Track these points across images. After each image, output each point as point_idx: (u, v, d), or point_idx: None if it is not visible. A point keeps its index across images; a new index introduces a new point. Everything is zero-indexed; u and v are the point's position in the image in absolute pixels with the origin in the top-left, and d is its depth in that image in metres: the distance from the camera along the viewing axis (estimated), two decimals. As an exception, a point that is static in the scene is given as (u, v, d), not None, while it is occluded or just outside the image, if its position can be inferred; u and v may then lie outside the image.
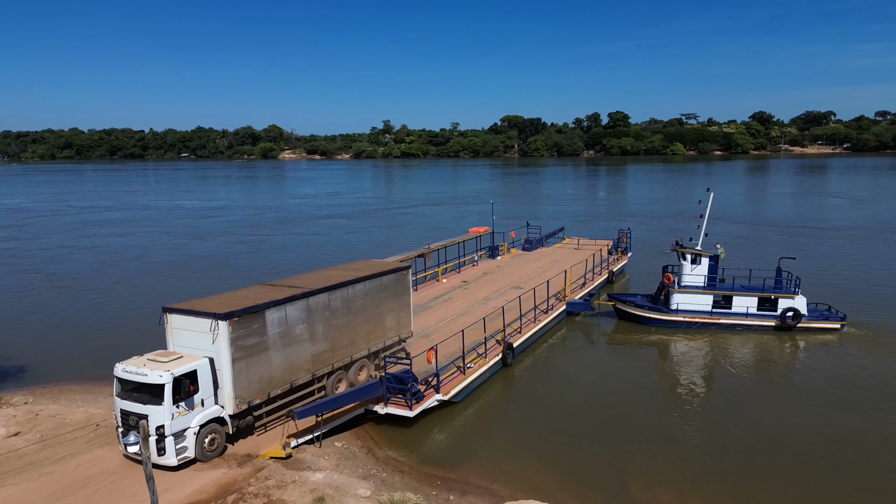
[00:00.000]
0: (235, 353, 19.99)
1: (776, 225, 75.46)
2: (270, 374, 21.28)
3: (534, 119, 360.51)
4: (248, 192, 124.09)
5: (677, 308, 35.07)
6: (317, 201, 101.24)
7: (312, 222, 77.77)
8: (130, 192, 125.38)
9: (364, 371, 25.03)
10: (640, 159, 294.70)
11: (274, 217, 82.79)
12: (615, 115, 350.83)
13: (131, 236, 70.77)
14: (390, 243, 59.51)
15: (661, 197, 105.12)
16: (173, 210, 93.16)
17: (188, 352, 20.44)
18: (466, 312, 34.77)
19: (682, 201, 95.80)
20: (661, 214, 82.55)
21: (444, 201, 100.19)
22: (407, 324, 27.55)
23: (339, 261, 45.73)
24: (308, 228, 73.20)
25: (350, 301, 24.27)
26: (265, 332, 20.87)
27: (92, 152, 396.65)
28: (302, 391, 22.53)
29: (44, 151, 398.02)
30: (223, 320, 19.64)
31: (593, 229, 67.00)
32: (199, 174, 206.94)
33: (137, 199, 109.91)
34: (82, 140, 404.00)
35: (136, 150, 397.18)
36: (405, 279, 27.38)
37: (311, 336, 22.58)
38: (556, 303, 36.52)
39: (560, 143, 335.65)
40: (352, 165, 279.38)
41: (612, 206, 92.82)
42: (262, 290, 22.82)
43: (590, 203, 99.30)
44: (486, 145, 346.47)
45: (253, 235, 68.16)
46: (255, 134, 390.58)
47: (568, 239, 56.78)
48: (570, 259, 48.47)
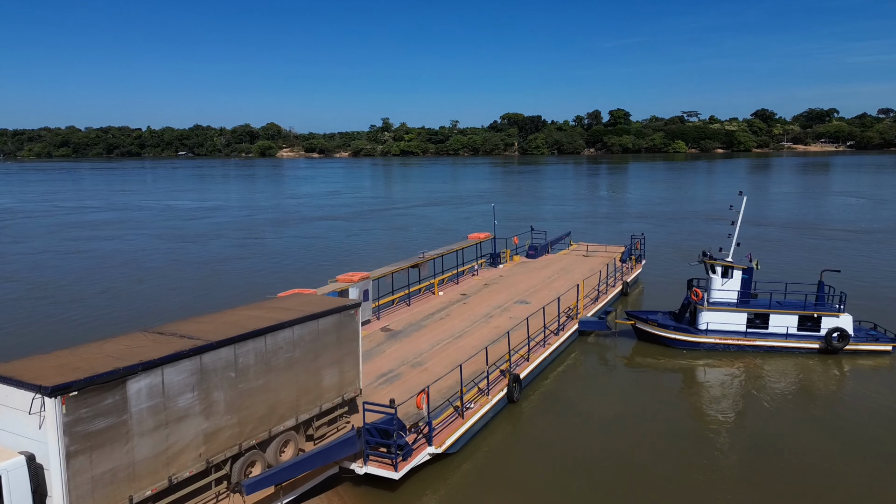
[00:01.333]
0: (72, 445, 13.35)
1: (801, 227, 70.69)
2: (132, 468, 14.61)
3: (534, 117, 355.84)
4: (245, 191, 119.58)
5: (706, 328, 30.52)
6: (315, 201, 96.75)
7: (309, 224, 73.30)
8: (124, 192, 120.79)
9: (290, 447, 18.71)
10: (641, 157, 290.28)
11: (269, 218, 78.32)
12: (616, 113, 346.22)
13: (119, 239, 66.17)
14: (388, 247, 55.04)
15: (669, 196, 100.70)
16: (165, 211, 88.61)
17: (4, 438, 13.98)
18: (465, 332, 30.28)
19: (693, 201, 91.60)
20: (674, 215, 77.99)
21: (444, 201, 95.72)
22: (354, 379, 20.90)
23: (331, 269, 41.58)
24: (304, 230, 68.73)
25: (269, 355, 17.85)
26: (125, 409, 14.31)
27: (89, 150, 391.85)
28: (190, 486, 15.91)
29: (40, 149, 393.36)
30: (52, 396, 12.96)
31: (602, 233, 62.60)
32: (195, 173, 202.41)
33: (130, 199, 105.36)
34: (79, 138, 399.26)
35: (133, 148, 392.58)
36: (352, 322, 20.68)
37: (205, 408, 16.10)
38: (567, 321, 32.00)
39: (561, 141, 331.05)
40: (350, 164, 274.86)
41: (620, 207, 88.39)
42: (138, 343, 16.19)
43: (595, 203, 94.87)
44: (485, 143, 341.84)
45: (246, 238, 63.34)
46: (253, 132, 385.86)
47: (575, 244, 52.16)
48: (580, 268, 43.99)
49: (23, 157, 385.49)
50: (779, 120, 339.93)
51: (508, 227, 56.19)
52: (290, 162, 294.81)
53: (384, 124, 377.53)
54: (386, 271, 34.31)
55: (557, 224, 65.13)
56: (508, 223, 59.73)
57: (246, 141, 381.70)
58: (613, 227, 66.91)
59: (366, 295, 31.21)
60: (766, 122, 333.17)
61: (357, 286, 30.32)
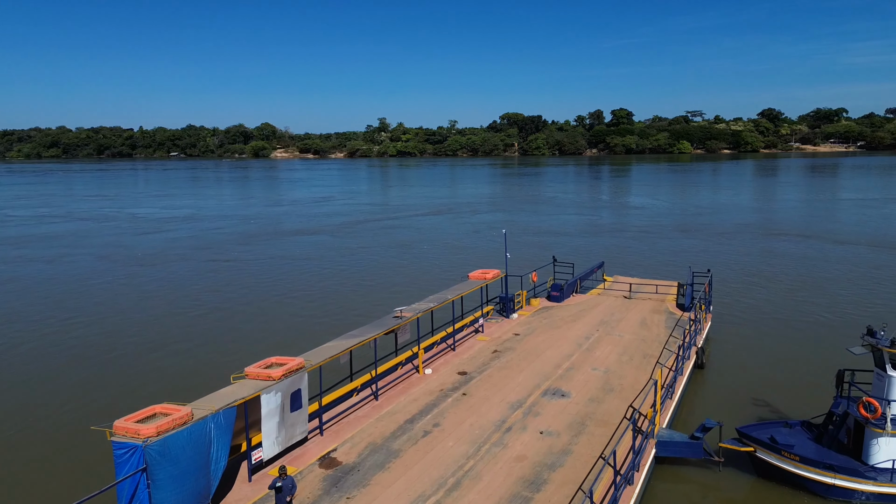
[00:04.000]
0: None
1: (883, 245, 55.88)
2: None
3: (534, 116, 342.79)
4: (229, 196, 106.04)
5: (894, 465, 17.37)
6: (303, 209, 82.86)
7: (290, 240, 59.43)
8: (93, 198, 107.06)
9: None
10: (645, 158, 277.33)
11: (249, 232, 64.13)
12: (619, 113, 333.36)
13: (60, 261, 52.53)
14: (375, 279, 41.92)
15: (700, 202, 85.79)
16: (127, 221, 75.02)
17: None
18: (468, 473, 17.04)
19: (736, 209, 76.48)
20: (720, 227, 63.62)
21: (444, 209, 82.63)
22: None
23: (262, 350, 28.04)
24: (282, 249, 54.84)
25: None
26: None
27: (79, 151, 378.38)
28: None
29: (29, 150, 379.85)
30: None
31: (635, 254, 49.22)
32: (182, 175, 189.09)
33: (94, 206, 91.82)
34: (69, 138, 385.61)
35: (124, 148, 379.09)
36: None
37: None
38: (638, 441, 18.63)
39: (562, 142, 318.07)
40: (346, 165, 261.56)
41: (646, 216, 73.67)
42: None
43: (616, 212, 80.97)
44: (485, 144, 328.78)
45: (212, 261, 49.04)
46: (247, 132, 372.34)
47: (610, 278, 38.64)
48: (626, 320, 30.75)
49: (11, 158, 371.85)
50: (785, 120, 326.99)
51: (518, 247, 43.24)
52: (284, 163, 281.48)
53: (381, 124, 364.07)
54: (339, 347, 20.88)
55: (579, 244, 51.84)
56: (518, 239, 46.77)
57: (240, 141, 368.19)
58: (648, 245, 53.82)
59: (295, 399, 18.17)
60: (772, 121, 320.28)
61: (275, 389, 17.21)
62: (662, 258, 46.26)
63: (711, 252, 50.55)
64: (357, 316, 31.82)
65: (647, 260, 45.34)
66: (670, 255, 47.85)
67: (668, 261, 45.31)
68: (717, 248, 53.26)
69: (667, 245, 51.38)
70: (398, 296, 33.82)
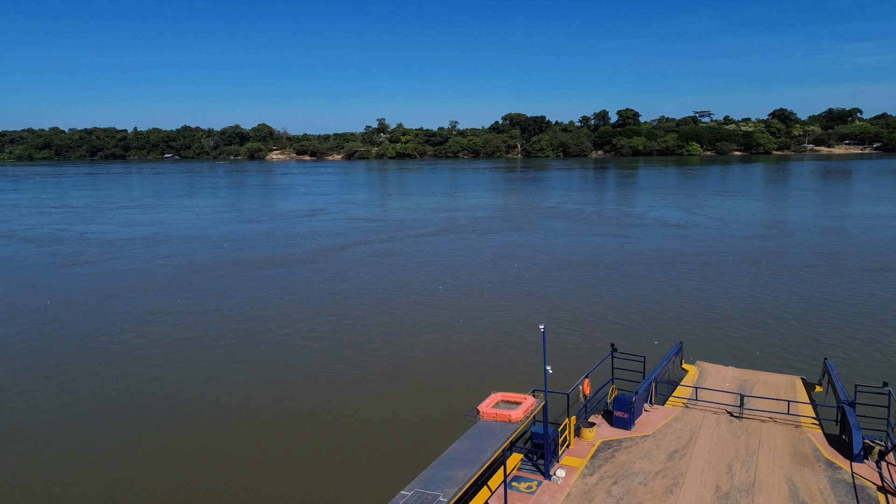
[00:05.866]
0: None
1: None
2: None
3: (538, 117, 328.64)
4: (209, 207, 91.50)
5: None
6: (287, 226, 67.63)
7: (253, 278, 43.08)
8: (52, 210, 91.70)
9: None
10: (652, 160, 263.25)
11: (211, 262, 49.07)
12: (625, 113, 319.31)
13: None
14: (318, 406, 27.06)
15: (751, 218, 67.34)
16: (72, 244, 60.88)
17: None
18: None
19: (796, 230, 57.51)
20: (797, 258, 44.95)
21: (447, 225, 68.27)
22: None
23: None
24: (235, 295, 40.16)
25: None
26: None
27: (72, 153, 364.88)
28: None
29: (21, 152, 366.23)
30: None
31: (712, 311, 31.78)
32: (168, 179, 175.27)
33: (49, 221, 76.27)
34: (62, 140, 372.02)
35: (117, 150, 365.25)
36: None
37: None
38: None
39: (566, 143, 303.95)
40: (344, 167, 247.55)
41: (693, 238, 55.48)
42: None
43: (653, 232, 60.08)
44: (486, 145, 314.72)
45: (137, 316, 34.46)
46: (243, 133, 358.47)
47: (693, 367, 23.91)
48: (756, 481, 15.43)
49: (2, 160, 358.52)
50: (797, 120, 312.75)
51: (546, 300, 29.08)
52: (280, 166, 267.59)
53: (380, 125, 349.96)
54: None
55: (616, 283, 36.31)
56: (543, 282, 32.64)
57: (235, 143, 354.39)
58: (716, 285, 36.32)
59: None
60: (784, 122, 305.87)
61: None
62: (749, 312, 30.10)
63: (819, 301, 33.05)
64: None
65: (727, 317, 29.82)
66: (756, 305, 31.40)
67: (759, 319, 29.24)
68: (822, 292, 34.87)
69: (743, 286, 35.70)
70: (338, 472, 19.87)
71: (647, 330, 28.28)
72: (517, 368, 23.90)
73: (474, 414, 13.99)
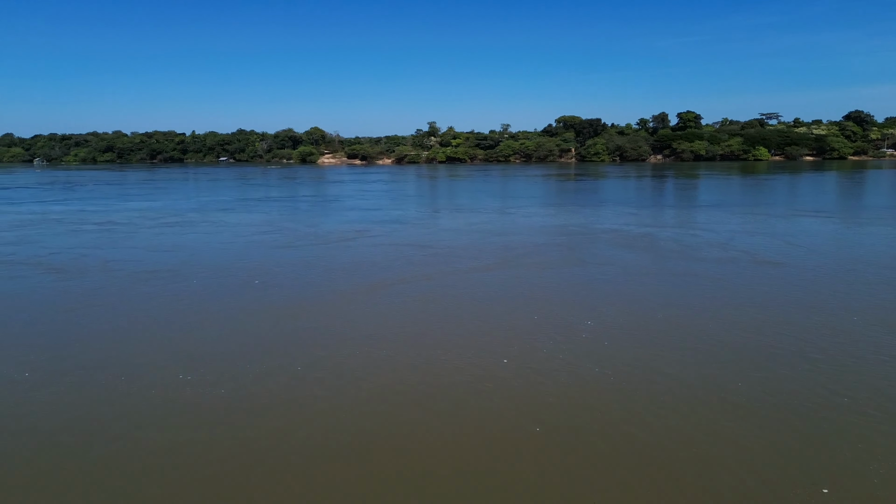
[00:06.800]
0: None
1: None
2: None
3: (593, 120, 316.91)
4: (248, 225, 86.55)
5: None
6: (326, 255, 60.83)
7: (279, 343, 38.83)
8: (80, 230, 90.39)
9: None
10: (715, 166, 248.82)
11: (236, 308, 44.43)
12: (685, 116, 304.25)
13: None
14: None
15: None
16: (92, 276, 56.81)
17: None
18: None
19: None
20: None
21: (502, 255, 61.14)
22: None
23: None
24: (252, 373, 34.82)
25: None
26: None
27: (133, 156, 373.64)
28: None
29: (85, 155, 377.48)
30: None
31: None
32: (217, 186, 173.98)
33: (67, 244, 74.44)
34: (123, 143, 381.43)
35: (175, 153, 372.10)
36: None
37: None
38: None
39: (623, 147, 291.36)
40: (394, 173, 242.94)
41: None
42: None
43: (750, 271, 55.85)
44: (539, 149, 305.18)
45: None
46: (295, 137, 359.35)
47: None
48: None
49: (68, 163, 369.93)
50: (874, 123, 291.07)
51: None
52: (330, 171, 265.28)
53: (430, 128, 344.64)
54: None
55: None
56: (618, 332, 24.85)
57: (288, 146, 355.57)
58: None
59: None
60: (860, 125, 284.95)
61: None
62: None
63: None
64: None
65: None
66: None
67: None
68: None
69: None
70: None
71: (793, 475, 20.05)
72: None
73: None
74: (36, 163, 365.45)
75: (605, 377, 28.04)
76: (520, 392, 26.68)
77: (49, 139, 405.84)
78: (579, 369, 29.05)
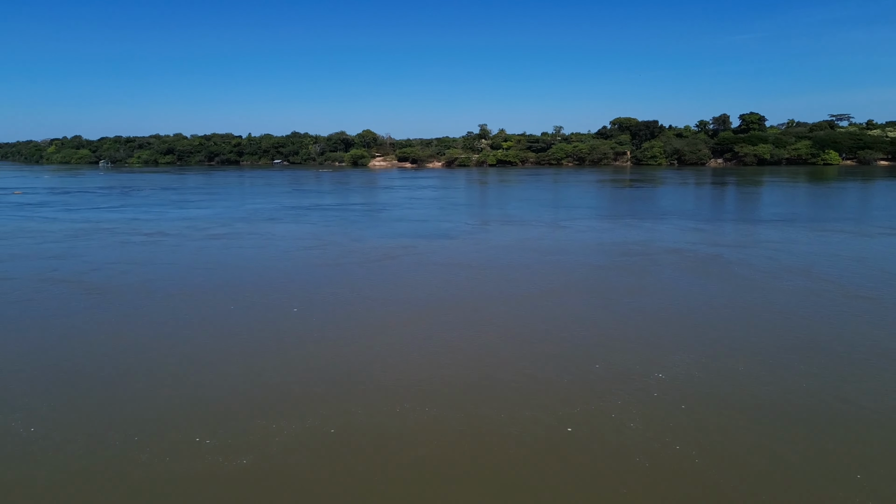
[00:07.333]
0: None
1: None
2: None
3: (649, 121, 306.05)
4: (293, 239, 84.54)
5: None
6: (367, 278, 58.39)
7: (309, 403, 36.05)
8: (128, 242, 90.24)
9: None
10: (781, 171, 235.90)
11: (269, 343, 41.82)
12: (748, 118, 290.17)
13: None
14: None
15: None
16: (130, 298, 55.56)
17: None
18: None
19: None
20: None
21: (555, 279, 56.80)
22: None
23: None
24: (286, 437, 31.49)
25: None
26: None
27: (192, 158, 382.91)
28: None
29: (147, 157, 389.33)
30: None
31: None
32: (270, 191, 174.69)
33: (112, 258, 73.75)
34: (183, 145, 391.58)
35: (231, 155, 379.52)
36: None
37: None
38: None
39: (681, 150, 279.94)
40: (444, 177, 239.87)
41: None
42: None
43: (840, 306, 49.94)
44: (593, 152, 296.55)
45: None
46: (347, 140, 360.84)
47: None
48: None
49: (131, 164, 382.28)
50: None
51: None
52: (381, 175, 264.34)
53: (481, 131, 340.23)
54: None
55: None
56: (711, 415, 20.56)
57: (340, 149, 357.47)
58: None
59: None
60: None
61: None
62: None
63: None
64: None
65: None
66: None
67: None
68: None
69: None
70: None
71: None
72: None
73: None
74: (101, 164, 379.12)
75: (689, 461, 23.33)
76: (591, 478, 22.24)
77: (114, 141, 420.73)
78: (655, 446, 24.42)
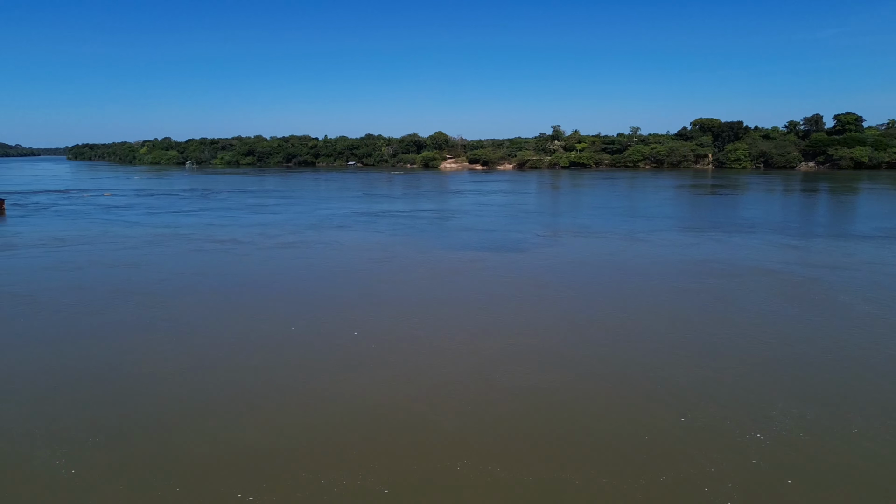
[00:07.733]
0: None
1: None
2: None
3: (733, 122, 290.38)
4: (358, 248, 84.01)
5: None
6: (423, 300, 57.31)
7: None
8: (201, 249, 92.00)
9: None
10: (880, 175, 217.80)
11: (326, 376, 40.54)
12: (844, 118, 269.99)
13: None
14: None
15: None
16: (183, 314, 55.65)
17: None
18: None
19: None
20: None
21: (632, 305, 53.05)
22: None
23: None
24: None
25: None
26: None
27: (271, 159, 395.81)
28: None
29: (229, 158, 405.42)
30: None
31: None
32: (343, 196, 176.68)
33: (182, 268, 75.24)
34: (263, 147, 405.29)
35: (308, 157, 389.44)
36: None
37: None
38: None
39: (768, 153, 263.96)
40: (515, 180, 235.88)
41: None
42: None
43: None
44: (672, 154, 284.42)
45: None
46: (419, 141, 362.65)
47: None
48: None
49: (214, 165, 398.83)
50: None
51: None
52: (452, 178, 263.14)
53: (554, 132, 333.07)
54: None
55: None
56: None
57: (412, 151, 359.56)
58: None
59: None
60: None
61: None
62: None
63: None
64: None
65: None
66: None
67: None
68: None
69: None
70: None
71: None
72: None
73: None
74: (187, 165, 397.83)
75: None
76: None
77: (200, 143, 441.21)
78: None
